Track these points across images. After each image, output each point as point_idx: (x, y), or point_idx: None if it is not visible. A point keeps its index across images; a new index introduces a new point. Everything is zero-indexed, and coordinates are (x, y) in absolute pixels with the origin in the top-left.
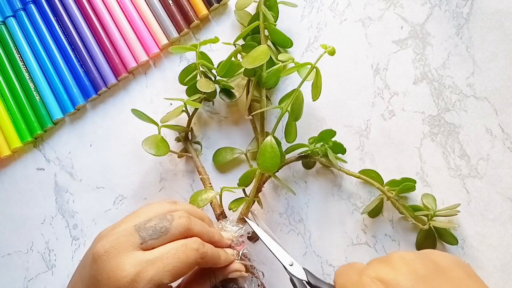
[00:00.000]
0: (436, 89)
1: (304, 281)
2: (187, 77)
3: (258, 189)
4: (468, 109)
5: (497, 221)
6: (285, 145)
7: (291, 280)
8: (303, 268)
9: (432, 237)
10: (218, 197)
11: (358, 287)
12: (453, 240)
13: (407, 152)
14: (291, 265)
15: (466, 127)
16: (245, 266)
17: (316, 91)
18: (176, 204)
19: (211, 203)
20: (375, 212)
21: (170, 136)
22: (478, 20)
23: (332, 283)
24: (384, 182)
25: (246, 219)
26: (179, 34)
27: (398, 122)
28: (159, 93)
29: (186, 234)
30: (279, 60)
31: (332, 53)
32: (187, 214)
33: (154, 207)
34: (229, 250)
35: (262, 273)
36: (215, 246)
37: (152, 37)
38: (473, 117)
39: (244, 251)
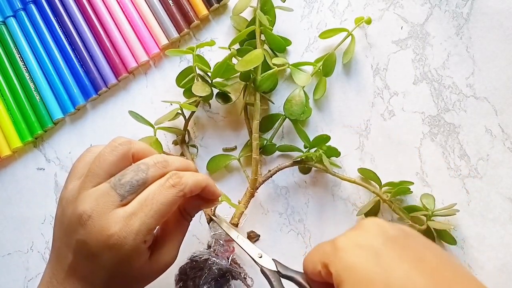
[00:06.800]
0: (436, 89)
1: (274, 271)
2: (184, 79)
3: (251, 195)
4: (468, 109)
5: (497, 221)
6: (287, 141)
7: (262, 271)
8: (273, 259)
9: (431, 237)
10: None
11: (334, 254)
12: (452, 240)
13: (406, 152)
14: (260, 257)
15: (466, 127)
16: (235, 273)
17: (347, 56)
18: (131, 143)
19: None
20: (372, 213)
21: (171, 138)
22: (478, 20)
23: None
24: (383, 183)
25: (214, 218)
26: (179, 34)
27: (398, 122)
28: (159, 94)
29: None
30: (274, 64)
31: (369, 22)
32: (162, 157)
33: (106, 158)
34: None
35: (251, 278)
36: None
37: (152, 37)
38: (473, 117)
39: (234, 257)
